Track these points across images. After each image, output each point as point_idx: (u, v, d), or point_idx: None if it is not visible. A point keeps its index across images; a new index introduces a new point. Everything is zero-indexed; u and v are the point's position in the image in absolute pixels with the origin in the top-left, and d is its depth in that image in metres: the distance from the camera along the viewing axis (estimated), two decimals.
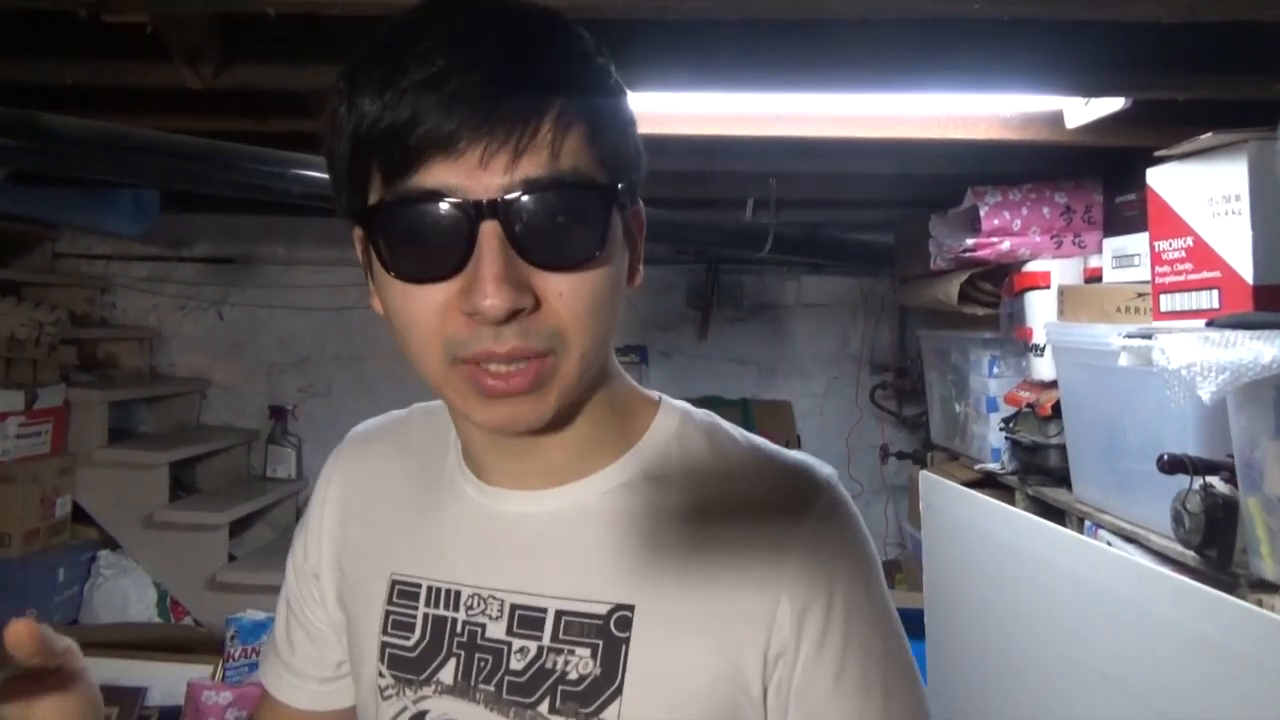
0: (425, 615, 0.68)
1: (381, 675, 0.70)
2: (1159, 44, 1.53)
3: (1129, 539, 1.70)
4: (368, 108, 0.56)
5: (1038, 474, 2.15)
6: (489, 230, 0.56)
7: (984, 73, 1.59)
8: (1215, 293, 1.51)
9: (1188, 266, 1.57)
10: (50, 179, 2.62)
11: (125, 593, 2.82)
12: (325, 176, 0.64)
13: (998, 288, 2.43)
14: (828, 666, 0.63)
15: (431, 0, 0.60)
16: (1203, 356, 1.24)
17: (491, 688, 0.65)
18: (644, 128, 0.68)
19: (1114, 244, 2.03)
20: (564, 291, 0.58)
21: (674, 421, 0.70)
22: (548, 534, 0.66)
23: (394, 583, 0.71)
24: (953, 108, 1.94)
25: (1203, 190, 1.54)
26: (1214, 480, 1.45)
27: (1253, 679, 1.20)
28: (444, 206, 0.55)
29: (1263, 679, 1.18)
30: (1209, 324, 1.41)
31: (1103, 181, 2.26)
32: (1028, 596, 1.80)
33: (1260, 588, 1.35)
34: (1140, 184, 1.71)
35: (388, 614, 0.70)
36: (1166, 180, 1.64)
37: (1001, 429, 2.29)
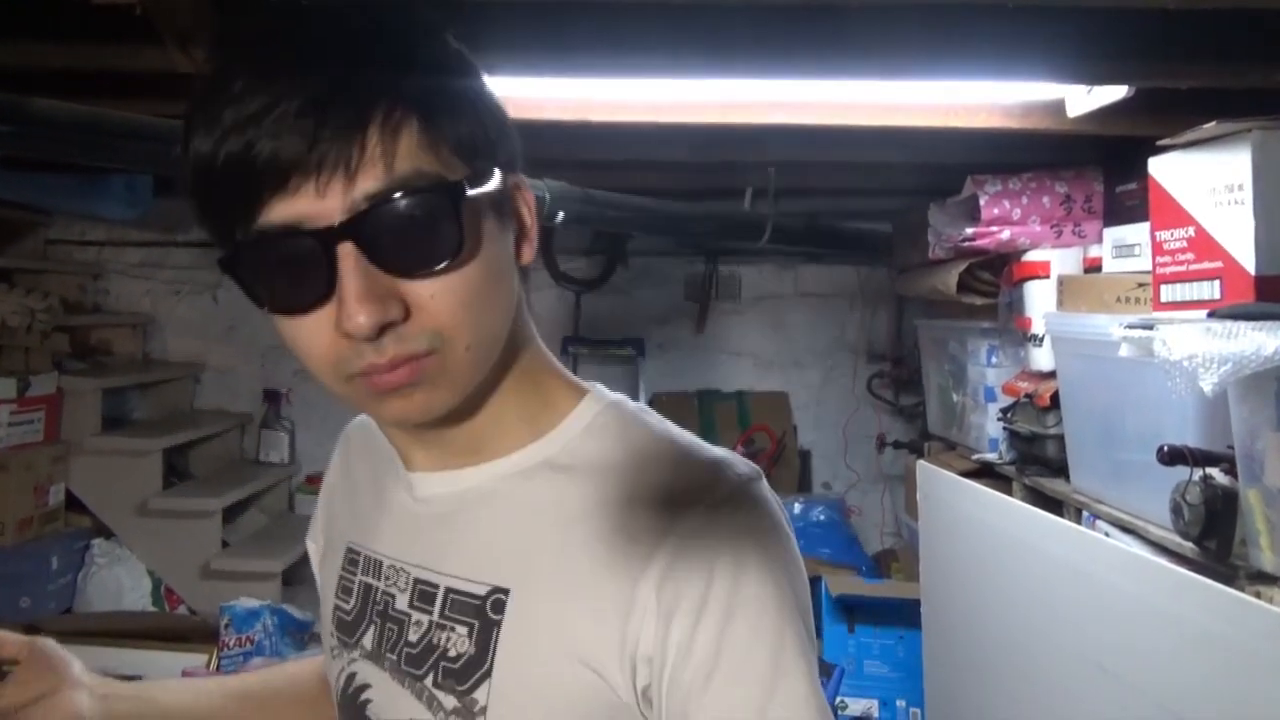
0: (360, 582, 0.74)
1: (331, 635, 0.75)
2: (1162, 32, 1.51)
3: (1127, 530, 1.70)
4: (200, 156, 0.56)
5: (1035, 464, 2.15)
6: (344, 252, 0.56)
7: (988, 60, 1.58)
8: (1217, 283, 1.50)
9: (1189, 257, 1.56)
10: (42, 164, 2.59)
11: (119, 581, 2.80)
12: None
13: (997, 277, 2.43)
14: (700, 664, 0.58)
15: (245, 32, 0.60)
16: (1204, 348, 1.23)
17: (395, 657, 0.68)
18: (646, 117, 0.67)
19: (1114, 234, 2.02)
20: (434, 294, 0.58)
21: (591, 413, 0.69)
22: (451, 514, 0.68)
23: (347, 550, 0.76)
24: (954, 96, 1.93)
25: (1205, 180, 1.53)
26: (1214, 472, 1.44)
27: (1251, 671, 1.19)
28: (295, 239, 0.56)
29: (1261, 671, 1.17)
30: (1211, 315, 1.40)
31: (1103, 171, 2.25)
32: (1025, 587, 1.80)
33: (1259, 580, 1.34)
34: (1141, 173, 1.70)
35: (340, 579, 0.76)
36: (1168, 170, 1.63)
37: (999, 419, 2.29)
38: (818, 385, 3.62)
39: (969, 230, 2.28)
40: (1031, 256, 2.26)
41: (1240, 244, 1.46)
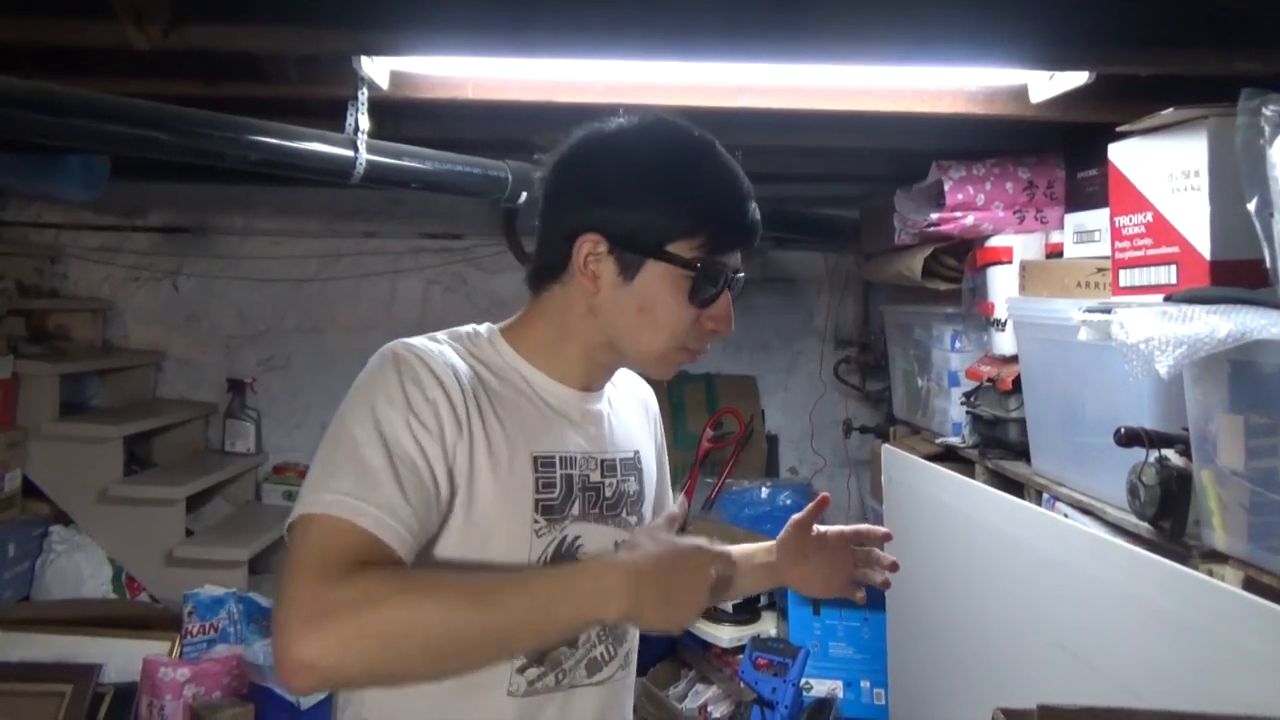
0: (562, 475, 1.05)
1: (536, 521, 1.02)
2: (1122, 19, 1.53)
3: (1086, 511, 1.73)
4: (729, 200, 1.06)
5: (998, 448, 2.17)
6: (733, 285, 1.07)
7: (952, 45, 1.59)
8: (1174, 268, 1.53)
9: (1147, 242, 1.59)
10: None
11: (79, 569, 2.76)
12: (282, 143, 0.91)
13: (961, 263, 2.45)
14: (663, 458, 1.31)
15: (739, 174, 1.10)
16: (1160, 331, 1.25)
17: (597, 510, 1.08)
18: (610, 98, 0.70)
19: (1075, 219, 2.05)
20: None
21: None
22: (605, 419, 1.13)
23: (535, 458, 1.03)
24: (918, 81, 1.93)
25: (1163, 166, 1.55)
26: (1169, 453, 1.47)
27: (1204, 647, 1.22)
28: (729, 274, 1.06)
29: (1214, 647, 1.20)
30: (1167, 299, 1.42)
31: (1065, 157, 2.28)
32: (987, 568, 1.83)
33: (1211, 558, 1.37)
34: (1102, 159, 1.72)
35: (537, 479, 1.03)
36: (1128, 156, 1.65)
37: (962, 403, 2.31)
38: (785, 370, 3.64)
39: (934, 216, 2.30)
40: (995, 242, 2.28)
41: (1196, 229, 1.48)
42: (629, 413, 1.19)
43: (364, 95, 1.89)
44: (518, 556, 1.01)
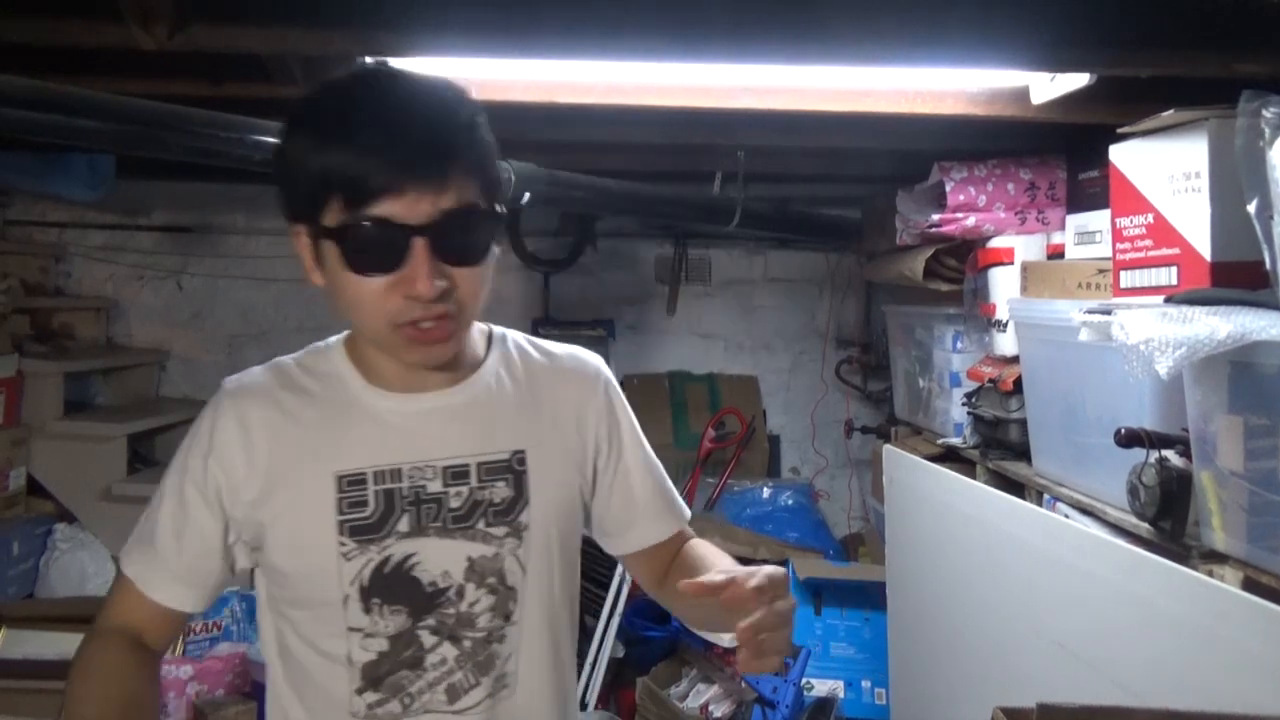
0: (375, 492, 0.97)
1: (343, 544, 0.96)
2: (1123, 21, 1.53)
3: (1086, 512, 1.73)
4: (331, 159, 0.86)
5: (999, 448, 2.18)
6: (418, 243, 0.87)
7: (955, 47, 1.59)
8: (1174, 269, 1.53)
9: (1148, 243, 1.59)
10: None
11: (82, 566, 2.77)
12: None
13: (962, 263, 2.45)
14: (627, 458, 1.11)
15: (356, 77, 0.94)
16: (1160, 332, 1.25)
17: (438, 523, 0.98)
18: (612, 99, 0.72)
19: (1077, 220, 2.05)
20: (469, 277, 0.91)
21: (505, 340, 1.09)
22: (454, 419, 1.01)
23: (339, 477, 0.97)
24: (920, 82, 1.94)
25: (1164, 167, 1.56)
26: (1169, 454, 1.47)
27: (1203, 646, 1.22)
28: (390, 228, 0.86)
29: (1213, 646, 1.21)
30: (1167, 300, 1.43)
31: (1066, 158, 2.28)
32: (987, 569, 1.83)
33: (1211, 558, 1.38)
34: (1103, 161, 1.73)
35: (340, 500, 0.96)
36: (1129, 157, 1.65)
37: (964, 404, 2.32)
38: (787, 370, 3.65)
39: (935, 216, 2.30)
40: (996, 243, 2.29)
41: (1197, 231, 1.49)
42: (531, 405, 1.04)
43: None
44: (328, 584, 0.96)
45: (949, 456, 2.37)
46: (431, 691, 0.98)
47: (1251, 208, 1.28)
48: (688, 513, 1.18)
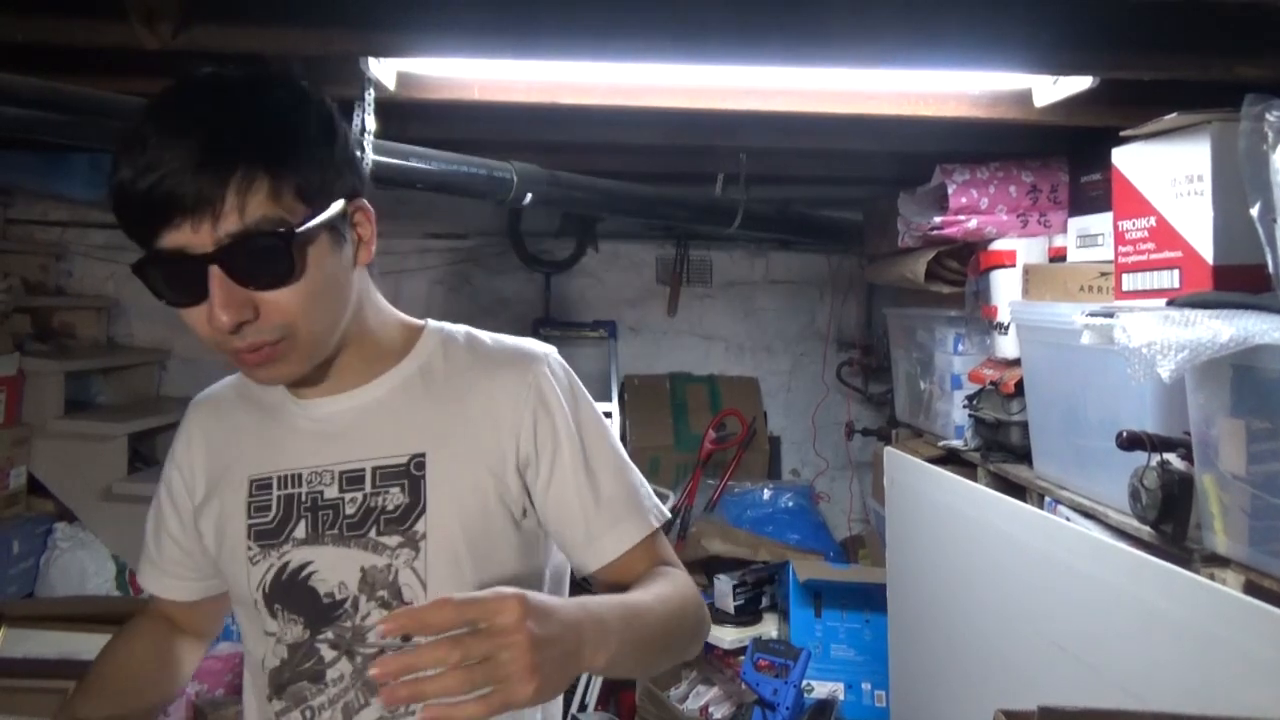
0: (278, 496, 0.96)
1: (250, 548, 0.96)
2: (1126, 24, 1.53)
3: (1087, 514, 1.73)
4: (117, 180, 0.81)
5: (1000, 451, 2.17)
6: (213, 272, 0.81)
7: (958, 49, 1.59)
8: (1176, 272, 1.53)
9: (1150, 246, 1.59)
10: (1, 141, 2.54)
11: (83, 566, 2.77)
12: None
13: (964, 266, 2.45)
14: (564, 457, 0.96)
15: (165, 90, 0.85)
16: (1162, 335, 1.25)
17: (335, 530, 0.94)
18: (613, 100, 0.71)
19: (1078, 223, 2.05)
20: (278, 301, 0.84)
21: (437, 337, 1.02)
22: (356, 421, 0.96)
23: (251, 481, 0.98)
24: (923, 85, 1.94)
25: (1166, 170, 1.56)
26: (1171, 457, 1.47)
27: (1205, 650, 1.22)
28: (180, 261, 0.82)
29: (1214, 650, 1.20)
30: (1169, 303, 1.43)
31: (1068, 161, 2.28)
32: (988, 571, 1.83)
33: (1212, 562, 1.37)
34: (1105, 164, 1.73)
35: (249, 503, 0.97)
36: (1131, 160, 1.65)
37: (965, 406, 2.32)
38: (788, 372, 3.65)
39: (937, 219, 2.30)
40: (998, 245, 2.29)
41: (1199, 234, 1.48)
42: (446, 404, 0.96)
43: (370, 96, 1.90)
44: (241, 586, 0.97)
45: (950, 459, 2.37)
46: (332, 708, 0.94)
47: (1254, 211, 1.28)
48: (656, 520, 1.00)
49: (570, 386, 1.00)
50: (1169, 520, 1.45)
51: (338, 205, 0.87)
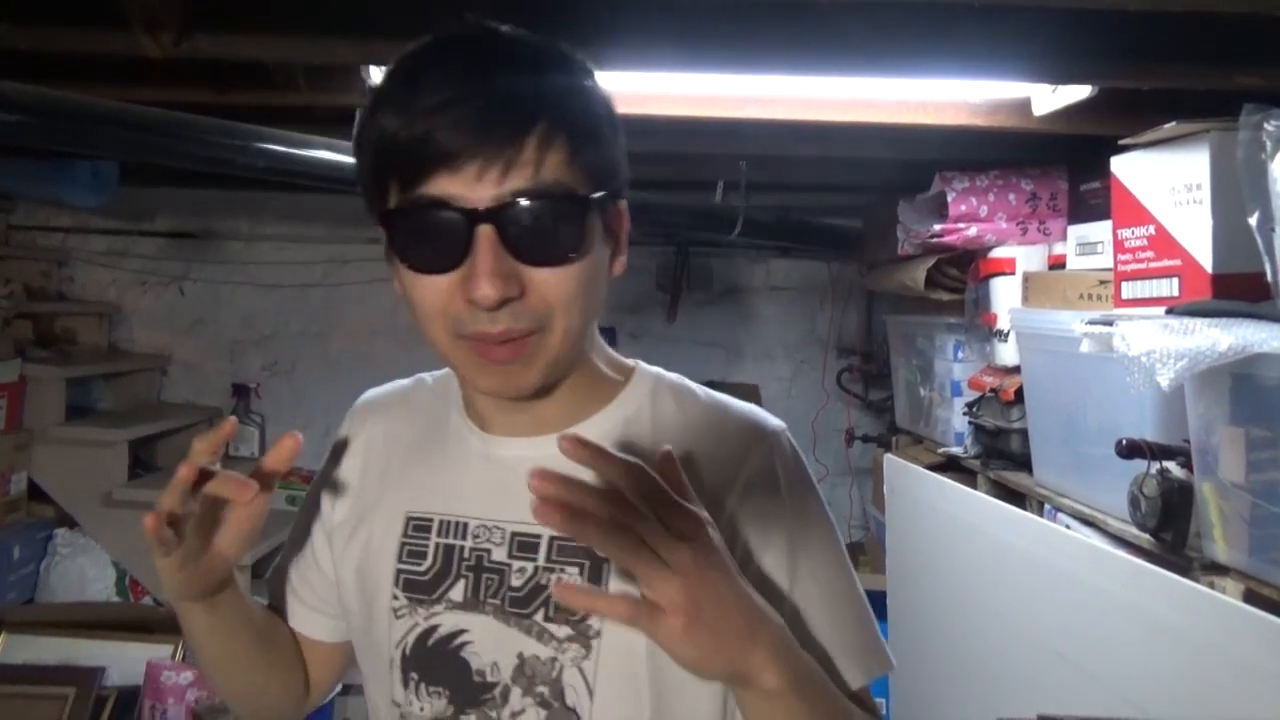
0: (437, 545, 0.81)
1: (395, 598, 0.81)
2: (1125, 33, 1.54)
3: (1087, 522, 1.73)
4: (387, 126, 0.70)
5: (1000, 458, 2.18)
6: (484, 232, 0.68)
7: (958, 58, 1.60)
8: (1175, 280, 1.53)
9: (1149, 254, 1.59)
10: (3, 148, 2.55)
11: (83, 572, 2.77)
12: (291, 150, 0.83)
13: (964, 273, 2.45)
14: (779, 559, 0.78)
15: (438, 38, 0.75)
16: (1162, 343, 1.26)
17: (497, 601, 0.78)
18: (616, 108, 0.72)
19: (1078, 231, 2.05)
20: (548, 282, 0.71)
21: (647, 384, 0.85)
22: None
23: (409, 519, 0.83)
24: (922, 93, 1.94)
25: (1165, 179, 1.56)
26: (1170, 465, 1.47)
27: (1204, 658, 1.22)
28: (447, 212, 0.68)
29: (1214, 658, 1.21)
30: (1169, 311, 1.43)
31: (1068, 169, 2.28)
32: (988, 578, 1.83)
33: (1212, 570, 1.38)
34: (1105, 172, 1.73)
35: (403, 545, 0.82)
36: (1130, 169, 1.66)
37: (965, 413, 2.32)
38: (788, 378, 3.65)
39: (937, 226, 2.31)
40: (998, 253, 2.29)
41: (1198, 242, 1.49)
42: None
43: None
44: (378, 642, 0.82)
45: (950, 466, 2.37)
46: None
47: (1253, 220, 1.28)
48: (885, 664, 0.82)
49: (804, 478, 0.83)
50: (1169, 528, 1.45)
51: (613, 197, 0.77)
